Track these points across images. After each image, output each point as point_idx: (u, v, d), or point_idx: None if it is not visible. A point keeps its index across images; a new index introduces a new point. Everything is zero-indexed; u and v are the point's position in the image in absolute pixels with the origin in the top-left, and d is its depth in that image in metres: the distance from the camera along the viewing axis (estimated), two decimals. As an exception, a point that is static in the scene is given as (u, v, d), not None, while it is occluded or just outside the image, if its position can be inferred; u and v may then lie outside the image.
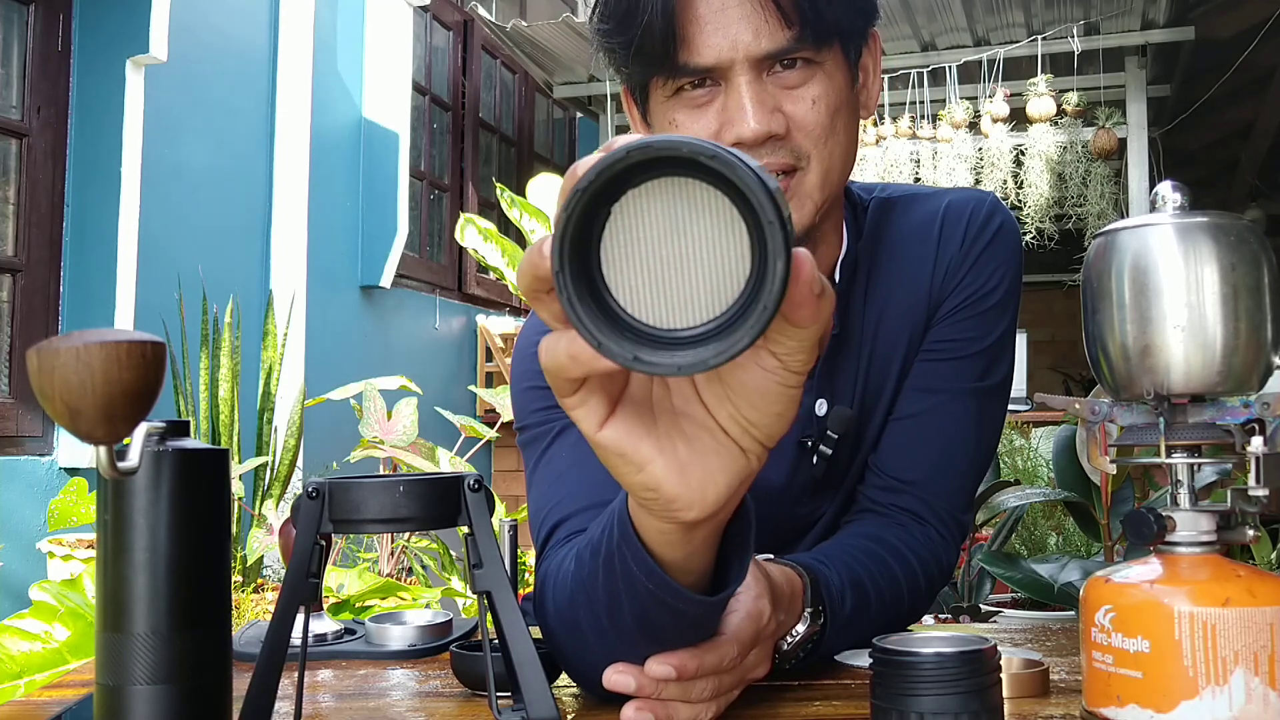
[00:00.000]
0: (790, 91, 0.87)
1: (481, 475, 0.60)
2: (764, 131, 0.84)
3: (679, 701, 0.66)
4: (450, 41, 5.19)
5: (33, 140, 3.02)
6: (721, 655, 0.66)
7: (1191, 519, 0.61)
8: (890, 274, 1.01)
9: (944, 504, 0.99)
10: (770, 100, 0.86)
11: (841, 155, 0.90)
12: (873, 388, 1.00)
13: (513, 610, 0.59)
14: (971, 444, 1.01)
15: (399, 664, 0.88)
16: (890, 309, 1.00)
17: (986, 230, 1.01)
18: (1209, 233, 0.60)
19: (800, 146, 0.87)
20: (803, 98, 0.87)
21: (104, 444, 0.48)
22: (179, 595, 0.54)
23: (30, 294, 3.00)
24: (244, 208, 3.70)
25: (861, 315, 1.00)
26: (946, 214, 1.02)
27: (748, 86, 0.85)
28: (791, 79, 0.86)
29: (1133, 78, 4.78)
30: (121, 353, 0.46)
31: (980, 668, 0.59)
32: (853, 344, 1.00)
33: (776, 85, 0.86)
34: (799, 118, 0.87)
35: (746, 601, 0.70)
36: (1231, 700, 0.56)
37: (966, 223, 1.01)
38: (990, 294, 1.00)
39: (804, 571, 0.80)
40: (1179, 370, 0.60)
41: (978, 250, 1.01)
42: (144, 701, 0.53)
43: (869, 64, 0.96)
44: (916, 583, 0.94)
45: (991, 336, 1.01)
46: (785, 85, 0.86)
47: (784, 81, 0.86)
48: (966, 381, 1.00)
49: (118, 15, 3.09)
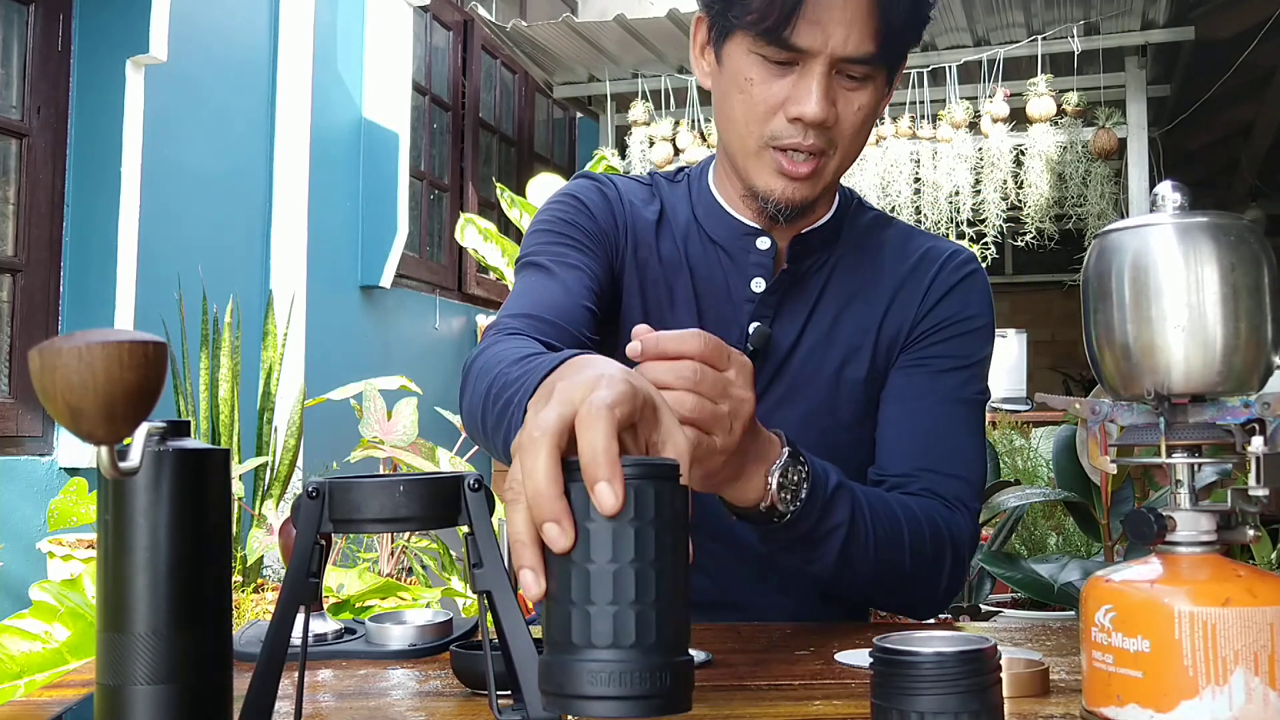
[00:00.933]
0: (846, 93, 1.00)
1: (482, 475, 0.60)
2: (822, 118, 0.98)
3: (688, 391, 0.73)
4: (450, 41, 5.19)
5: (33, 140, 3.02)
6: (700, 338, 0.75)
7: (1192, 519, 0.61)
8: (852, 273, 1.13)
9: (951, 489, 1.05)
10: (832, 94, 0.99)
11: (858, 150, 1.06)
12: (807, 344, 1.11)
13: (513, 610, 0.59)
14: (964, 438, 1.09)
15: (399, 664, 0.88)
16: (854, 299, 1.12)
17: (965, 268, 1.14)
18: (1209, 233, 0.60)
19: (836, 138, 1.02)
20: (853, 102, 1.01)
21: (105, 444, 0.48)
22: (179, 595, 0.54)
23: (30, 294, 3.00)
24: (244, 208, 3.70)
25: (818, 277, 1.12)
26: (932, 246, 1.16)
27: (822, 78, 0.98)
28: (852, 84, 1.00)
29: (1133, 78, 4.78)
30: (123, 353, 0.46)
31: (980, 667, 0.59)
32: (802, 294, 1.12)
33: (839, 84, 1.00)
34: (845, 118, 1.01)
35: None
36: (1231, 700, 0.56)
37: (946, 258, 1.14)
38: (972, 319, 1.12)
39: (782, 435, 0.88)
40: (1179, 370, 0.60)
41: (956, 279, 1.13)
42: (144, 701, 0.53)
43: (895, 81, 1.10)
44: (919, 528, 0.98)
45: (975, 356, 1.12)
46: (845, 86, 1.00)
47: (845, 83, 1.00)
48: (952, 390, 1.10)
49: (118, 15, 3.09)
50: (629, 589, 0.54)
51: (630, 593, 0.54)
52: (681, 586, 0.57)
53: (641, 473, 0.55)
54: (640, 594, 0.54)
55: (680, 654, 0.56)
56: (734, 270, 1.12)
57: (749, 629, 1.00)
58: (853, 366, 1.11)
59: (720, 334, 1.11)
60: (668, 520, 0.56)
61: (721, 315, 1.11)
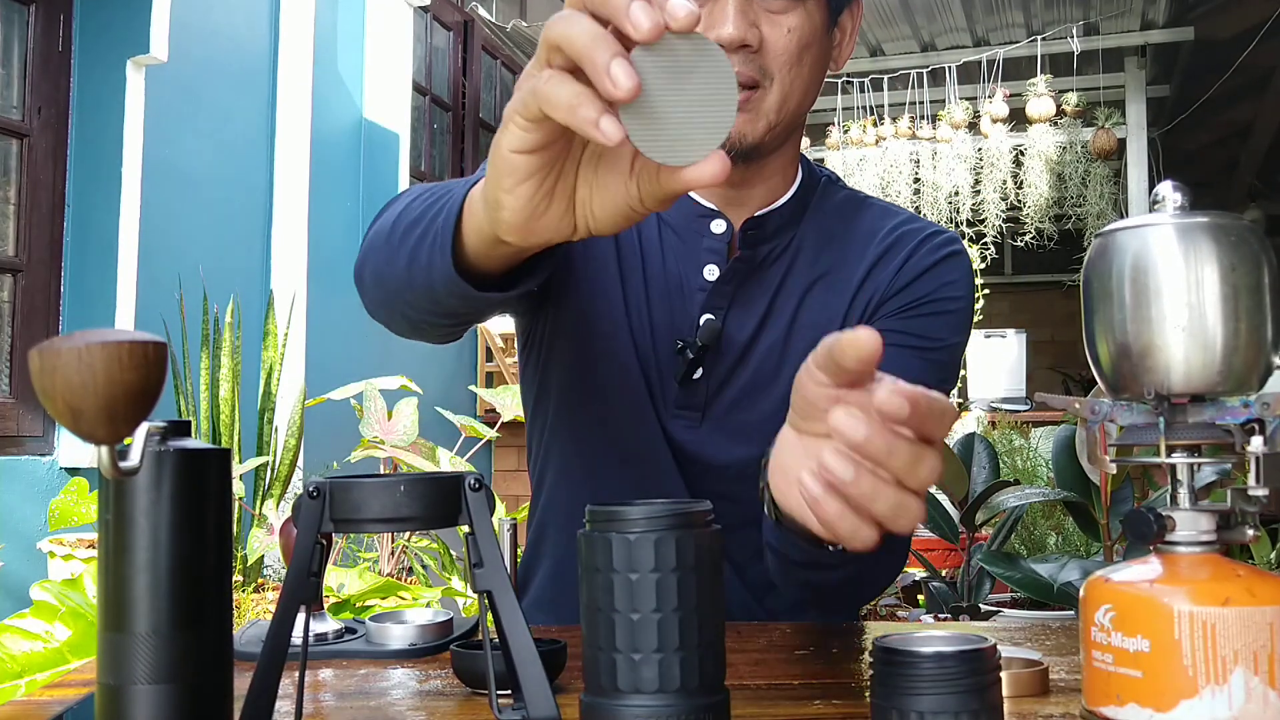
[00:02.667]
0: (771, 15, 0.95)
1: (482, 475, 0.60)
2: (739, 38, 0.93)
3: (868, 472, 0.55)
4: (450, 42, 5.19)
5: (33, 140, 3.02)
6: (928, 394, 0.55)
7: (1191, 519, 0.61)
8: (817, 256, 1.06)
9: None
10: (751, 15, 0.94)
11: (802, 88, 0.98)
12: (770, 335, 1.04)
13: (513, 609, 0.60)
14: None
15: (399, 663, 0.88)
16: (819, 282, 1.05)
17: (945, 247, 1.06)
18: (1209, 233, 0.60)
19: (767, 66, 0.95)
20: (779, 24, 0.95)
21: (105, 444, 0.48)
22: (180, 595, 0.54)
23: (31, 294, 3.01)
24: (245, 208, 3.70)
25: (780, 263, 1.05)
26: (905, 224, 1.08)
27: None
28: (775, 5, 0.95)
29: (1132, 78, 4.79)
30: (123, 353, 0.46)
31: (980, 667, 0.59)
32: (761, 282, 1.05)
33: (761, 6, 0.95)
34: (772, 40, 0.95)
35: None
36: (1231, 699, 0.56)
37: (925, 236, 1.06)
38: (950, 300, 1.04)
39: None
40: (1179, 370, 0.60)
41: (933, 260, 1.05)
42: (145, 701, 0.53)
43: (847, 24, 1.04)
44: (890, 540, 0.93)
45: (944, 341, 1.03)
46: (768, 8, 0.95)
47: (767, 4, 0.95)
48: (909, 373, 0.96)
49: (118, 15, 3.09)
50: (673, 636, 0.56)
51: (675, 639, 0.56)
52: (720, 626, 0.58)
53: (678, 521, 0.56)
54: (684, 640, 0.56)
55: (719, 692, 0.57)
56: (686, 255, 1.06)
57: (749, 628, 1.00)
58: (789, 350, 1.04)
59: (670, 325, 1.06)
60: (706, 565, 0.57)
61: (671, 305, 1.05)
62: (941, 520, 2.07)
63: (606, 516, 0.58)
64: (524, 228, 0.62)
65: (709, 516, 0.59)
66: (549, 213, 0.62)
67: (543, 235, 0.63)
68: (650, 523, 0.57)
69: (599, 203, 0.61)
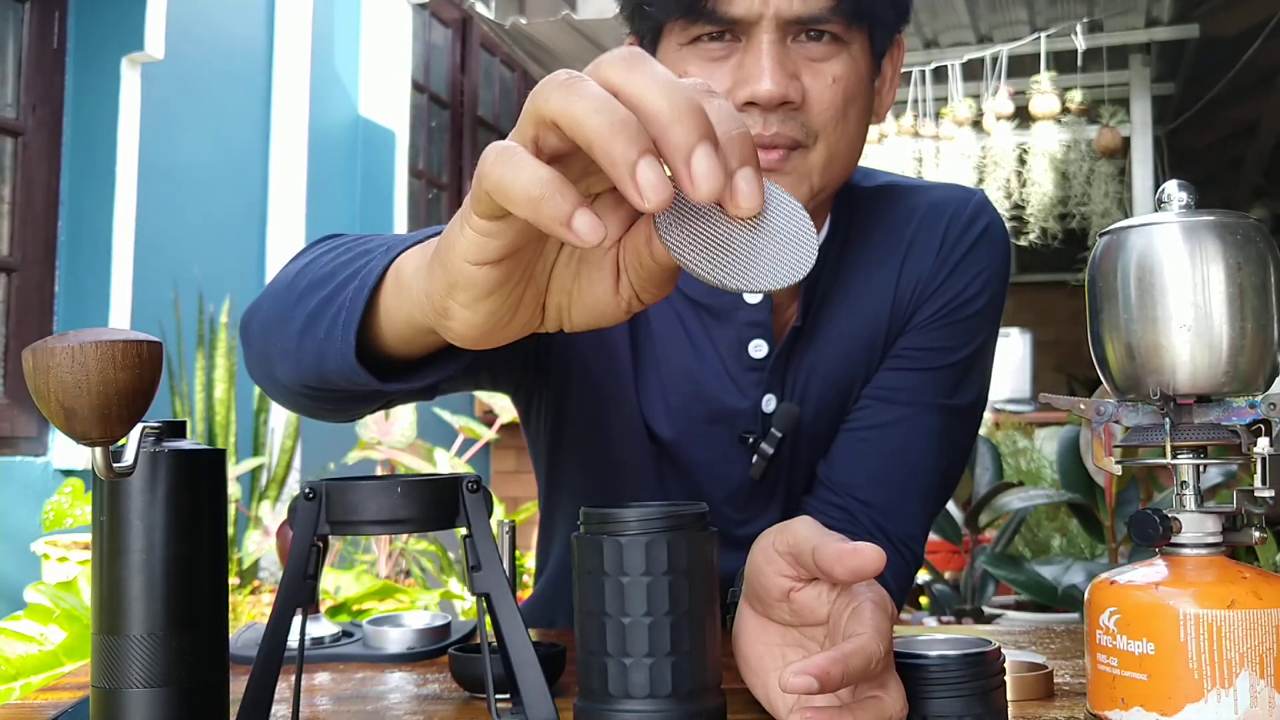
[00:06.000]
0: (812, 64, 0.82)
1: (480, 476, 0.60)
2: (780, 94, 0.80)
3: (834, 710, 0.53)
4: (449, 39, 5.18)
5: (28, 138, 3.01)
6: (867, 654, 0.53)
7: (1197, 520, 0.60)
8: (857, 272, 0.95)
9: (899, 530, 0.94)
10: (791, 66, 0.81)
11: (848, 145, 0.85)
12: (819, 389, 0.94)
13: (512, 612, 0.59)
14: (933, 468, 0.95)
15: (397, 667, 0.88)
16: (854, 309, 0.94)
17: (969, 233, 0.95)
18: (1215, 232, 0.59)
19: (811, 123, 0.83)
20: (823, 73, 0.82)
21: (99, 445, 0.47)
22: (175, 597, 0.53)
23: (25, 293, 3.00)
24: (240, 206, 3.69)
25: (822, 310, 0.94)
26: (926, 214, 0.96)
27: (771, 46, 0.80)
28: (816, 51, 0.82)
29: (1137, 75, 4.78)
30: (117, 352, 0.46)
31: (984, 670, 0.59)
32: (811, 339, 0.94)
33: (800, 54, 0.82)
34: (816, 93, 0.82)
35: (869, 593, 0.58)
36: (1237, 703, 0.56)
37: (947, 225, 0.95)
38: (971, 301, 0.95)
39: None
40: (1185, 370, 0.59)
41: (959, 254, 0.95)
42: (140, 704, 0.53)
43: (888, 69, 0.92)
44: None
45: (968, 348, 0.95)
46: (809, 56, 0.82)
47: (808, 52, 0.82)
48: (936, 396, 0.94)
49: (113, 13, 3.08)
50: (664, 641, 0.55)
51: (666, 644, 0.55)
52: (714, 630, 0.57)
53: (670, 524, 0.56)
54: (675, 645, 0.55)
55: (714, 698, 0.57)
56: (719, 332, 0.93)
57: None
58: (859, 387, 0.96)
59: (711, 417, 0.92)
60: (699, 569, 0.56)
61: (704, 393, 0.92)
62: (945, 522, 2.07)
63: (599, 519, 0.57)
64: (478, 341, 0.52)
65: (704, 520, 0.58)
66: (512, 323, 0.51)
67: (502, 342, 0.53)
68: (642, 525, 0.56)
69: (580, 306, 0.51)
